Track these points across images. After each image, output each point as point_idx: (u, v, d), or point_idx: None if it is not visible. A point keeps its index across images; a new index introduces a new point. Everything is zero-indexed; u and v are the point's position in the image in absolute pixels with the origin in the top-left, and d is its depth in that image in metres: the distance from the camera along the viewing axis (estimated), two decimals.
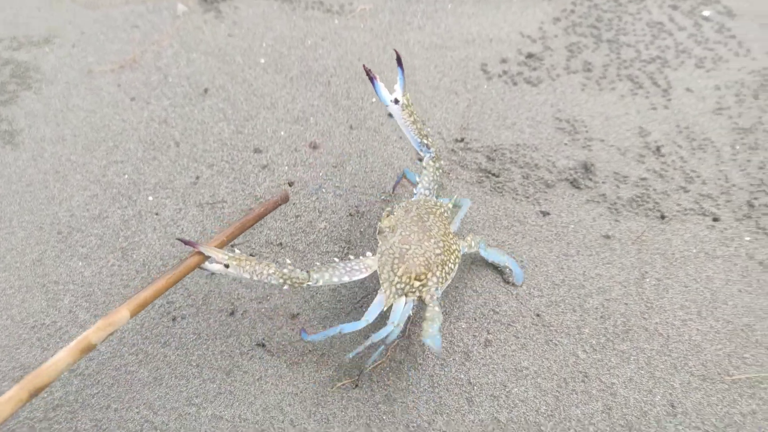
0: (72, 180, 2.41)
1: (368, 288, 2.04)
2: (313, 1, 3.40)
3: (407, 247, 1.68)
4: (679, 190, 2.38)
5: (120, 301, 2.01)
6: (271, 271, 1.59)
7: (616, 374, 1.84)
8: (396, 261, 1.65)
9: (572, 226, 2.26)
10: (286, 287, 1.62)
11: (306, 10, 3.32)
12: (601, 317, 1.98)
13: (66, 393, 1.77)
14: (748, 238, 2.21)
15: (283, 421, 1.72)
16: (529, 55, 3.02)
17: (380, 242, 1.73)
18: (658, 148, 2.54)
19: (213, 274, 1.81)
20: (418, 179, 1.95)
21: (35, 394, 1.12)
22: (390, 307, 1.69)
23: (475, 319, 1.97)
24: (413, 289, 1.66)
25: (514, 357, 1.88)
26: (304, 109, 2.72)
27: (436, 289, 1.69)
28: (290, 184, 2.35)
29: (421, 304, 1.75)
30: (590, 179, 2.42)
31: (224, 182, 2.39)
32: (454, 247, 1.77)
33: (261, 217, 1.88)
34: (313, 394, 1.78)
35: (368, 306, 1.97)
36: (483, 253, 1.97)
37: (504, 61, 3.00)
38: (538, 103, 2.77)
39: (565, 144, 2.57)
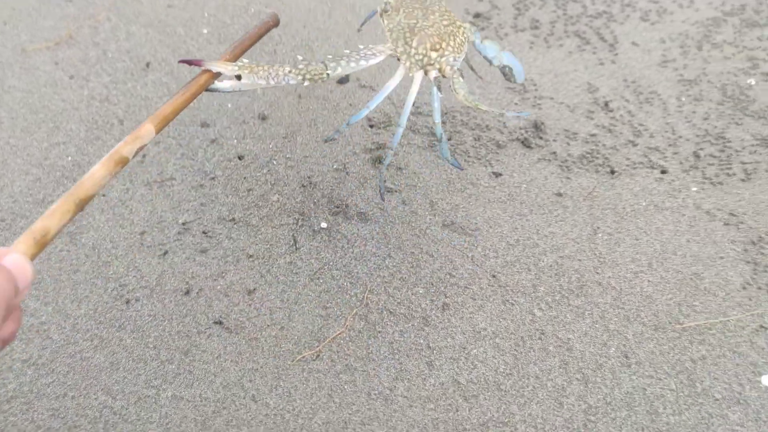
0: (12, 164, 2.32)
1: (324, 259, 2.03)
2: None
3: (414, 21, 1.64)
4: (628, 144, 2.41)
5: (71, 287, 1.96)
6: (287, 70, 1.49)
7: (571, 329, 1.87)
8: (407, 34, 1.61)
9: (524, 185, 2.27)
10: (306, 83, 1.51)
11: None
12: (556, 274, 2.00)
13: (20, 384, 1.73)
14: (694, 189, 2.26)
15: (244, 398, 1.71)
16: (477, 15, 2.99)
17: (386, 21, 1.68)
18: (606, 104, 2.56)
19: (227, 92, 1.62)
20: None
21: (81, 206, 1.11)
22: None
23: (432, 284, 1.98)
24: (431, 61, 1.62)
25: (472, 319, 1.90)
26: None
27: (454, 59, 1.64)
28: (240, 158, 2.31)
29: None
30: (541, 138, 2.43)
31: (172, 159, 2.33)
32: (459, 22, 1.70)
33: (257, 39, 1.68)
34: (274, 369, 1.77)
35: (327, 282, 1.97)
36: (478, 46, 1.80)
37: None
38: (486, 64, 2.75)
39: (516, 104, 2.57)
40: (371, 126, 2.45)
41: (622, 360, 1.80)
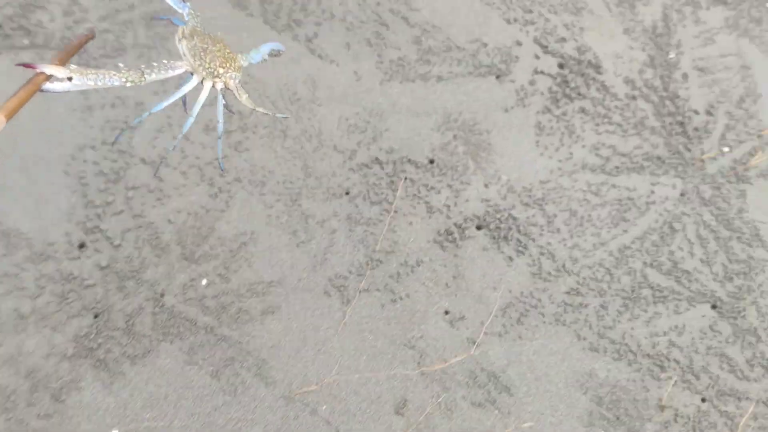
0: None
1: None
2: None
3: (206, 45, 2.16)
4: None
5: None
6: (112, 74, 1.84)
7: None
8: (201, 53, 2.12)
9: None
10: (128, 84, 1.87)
11: None
12: None
13: None
14: None
15: None
16: None
17: (184, 44, 2.12)
18: None
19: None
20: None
21: None
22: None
23: None
24: (219, 75, 2.17)
25: None
26: None
27: (235, 76, 2.21)
28: None
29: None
30: None
31: None
32: (234, 53, 2.26)
33: (78, 49, 1.95)
34: None
35: None
36: (251, 60, 2.36)
37: None
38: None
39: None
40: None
41: None
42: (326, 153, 3.39)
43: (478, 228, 3.33)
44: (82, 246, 3.06)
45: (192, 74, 2.16)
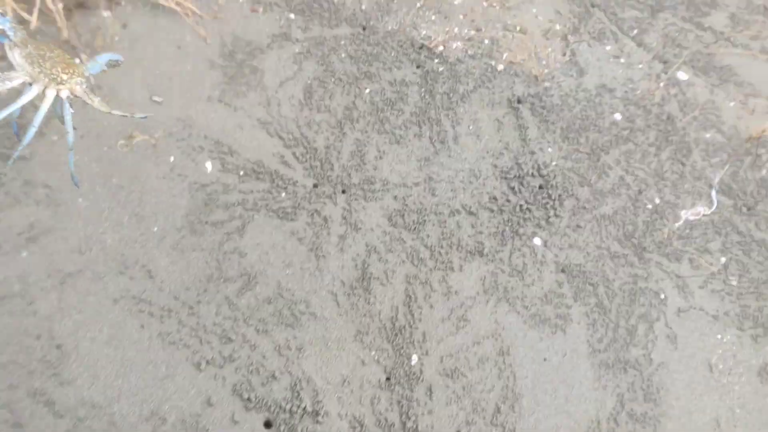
0: None
1: None
2: None
3: (44, 52, 2.02)
4: None
5: None
6: None
7: None
8: (39, 60, 1.98)
9: None
10: None
11: None
12: None
13: None
14: None
15: None
16: None
17: (17, 52, 1.98)
18: None
19: None
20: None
21: None
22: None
23: None
24: (63, 81, 2.04)
25: None
26: None
27: (80, 81, 2.10)
28: None
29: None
30: None
31: None
32: (73, 60, 2.16)
33: None
34: None
35: None
36: (92, 71, 2.29)
37: None
38: None
39: None
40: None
41: None
42: None
43: None
44: None
45: (31, 85, 1.96)
